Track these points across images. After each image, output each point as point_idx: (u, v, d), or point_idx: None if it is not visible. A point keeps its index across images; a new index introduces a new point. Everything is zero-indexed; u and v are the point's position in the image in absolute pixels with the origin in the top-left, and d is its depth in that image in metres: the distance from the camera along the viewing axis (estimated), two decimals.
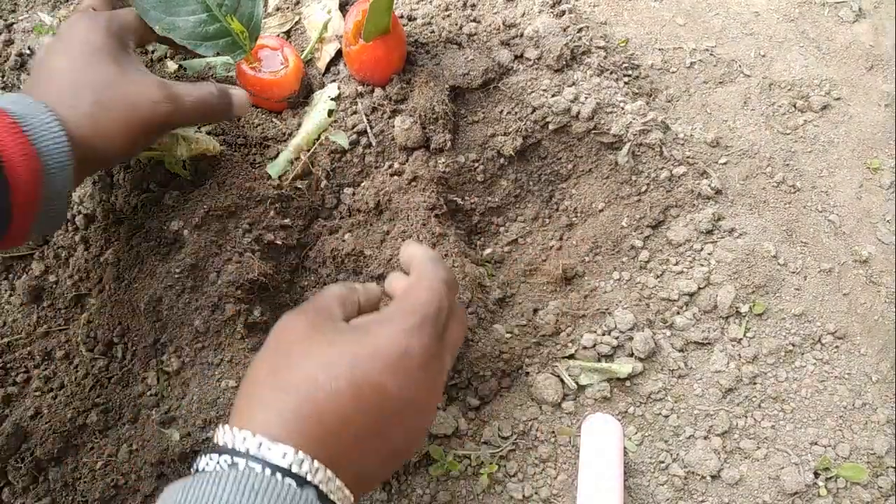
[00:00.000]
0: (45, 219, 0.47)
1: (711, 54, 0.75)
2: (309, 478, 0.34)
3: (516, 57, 0.67)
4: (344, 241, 0.60)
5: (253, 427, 0.35)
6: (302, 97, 0.65)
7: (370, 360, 0.37)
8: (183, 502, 0.32)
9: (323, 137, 0.61)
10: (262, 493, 0.32)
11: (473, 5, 0.71)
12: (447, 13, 0.70)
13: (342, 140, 0.61)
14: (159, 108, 0.49)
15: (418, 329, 0.38)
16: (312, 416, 0.35)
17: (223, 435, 0.35)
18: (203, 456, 0.35)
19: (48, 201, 0.46)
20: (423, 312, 0.39)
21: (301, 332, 0.39)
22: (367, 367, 0.37)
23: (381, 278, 0.58)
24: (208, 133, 0.62)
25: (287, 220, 0.60)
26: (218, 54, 0.60)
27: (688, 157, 0.67)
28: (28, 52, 0.72)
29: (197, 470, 0.35)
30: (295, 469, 0.34)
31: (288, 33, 0.72)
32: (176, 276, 0.55)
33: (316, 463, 0.35)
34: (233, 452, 0.34)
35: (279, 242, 0.59)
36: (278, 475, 0.33)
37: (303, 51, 0.69)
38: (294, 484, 0.33)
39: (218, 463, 0.34)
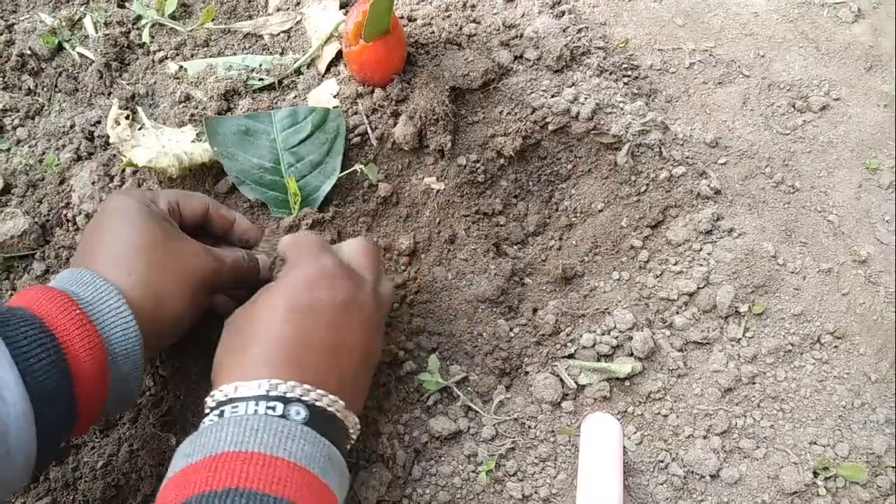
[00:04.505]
0: (114, 402, 0.45)
1: (711, 55, 0.75)
2: (288, 395, 0.39)
3: (516, 57, 0.67)
4: None
5: (230, 380, 0.40)
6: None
7: (299, 288, 0.44)
8: (191, 453, 0.37)
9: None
10: (260, 429, 0.37)
11: (473, 6, 0.71)
12: (447, 14, 0.70)
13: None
14: (209, 267, 0.49)
15: (319, 255, 0.47)
16: (273, 352, 0.41)
17: (206, 403, 0.41)
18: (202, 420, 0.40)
19: (116, 386, 0.44)
20: (317, 245, 0.48)
21: (238, 310, 0.46)
22: (299, 293, 0.44)
23: None
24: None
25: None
26: (258, 200, 0.60)
27: (687, 158, 0.67)
28: (28, 51, 0.72)
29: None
30: (273, 393, 0.39)
31: (288, 33, 0.72)
32: None
33: (290, 383, 0.40)
34: (218, 405, 0.40)
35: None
36: (261, 404, 0.39)
37: (305, 52, 0.69)
38: (281, 405, 0.39)
39: (209, 418, 0.40)
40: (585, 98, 0.65)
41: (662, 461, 0.55)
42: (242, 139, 0.61)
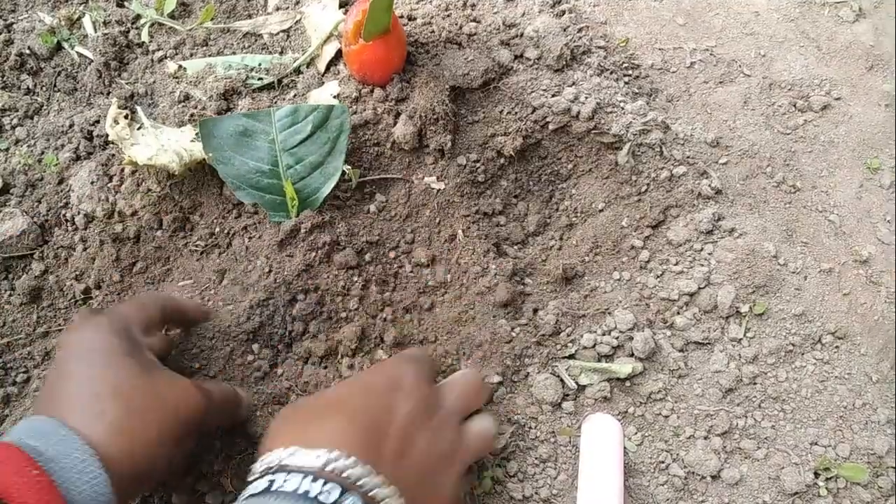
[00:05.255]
0: None
1: (711, 54, 0.75)
2: (347, 474, 0.35)
3: (516, 57, 0.67)
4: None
5: (286, 444, 0.36)
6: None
7: (378, 380, 0.43)
8: None
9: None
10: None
11: (473, 5, 0.71)
12: (447, 13, 0.70)
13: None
14: (198, 405, 0.44)
15: (410, 362, 0.45)
16: (343, 424, 0.38)
17: (259, 461, 0.37)
18: (248, 486, 0.36)
19: None
20: (412, 354, 0.48)
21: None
22: (375, 384, 0.42)
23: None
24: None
25: None
26: (255, 205, 0.60)
27: (688, 157, 0.67)
28: (28, 51, 0.72)
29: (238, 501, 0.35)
30: (330, 467, 0.35)
31: (287, 32, 0.72)
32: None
33: (353, 458, 0.35)
34: (267, 471, 0.35)
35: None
36: (316, 483, 0.33)
37: (304, 51, 0.69)
38: (337, 491, 0.33)
39: (254, 486, 0.35)
40: (586, 97, 0.64)
41: (663, 462, 0.55)
42: (239, 141, 0.60)
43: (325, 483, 0.33)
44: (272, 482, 0.34)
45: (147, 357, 0.45)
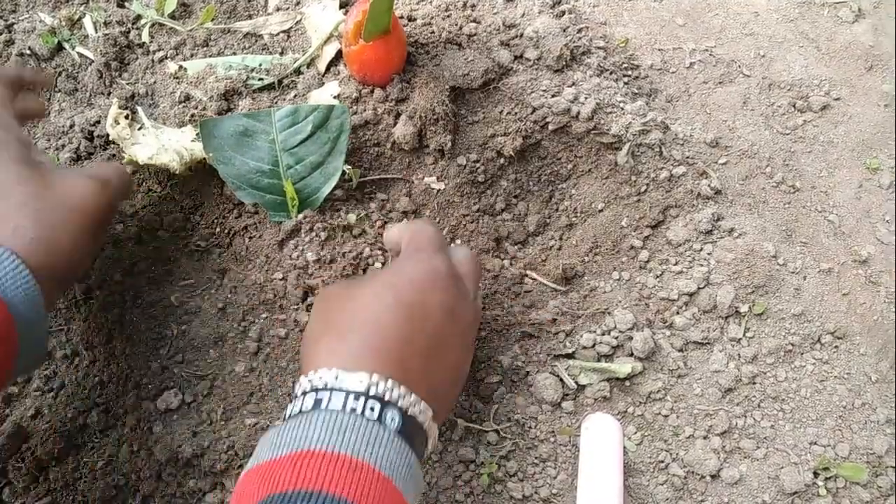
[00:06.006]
0: (24, 361, 0.44)
1: (711, 54, 0.75)
2: (387, 397, 0.38)
3: (516, 57, 0.67)
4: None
5: (330, 365, 0.39)
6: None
7: (409, 286, 0.43)
8: (278, 444, 0.36)
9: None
10: (351, 429, 0.36)
11: (473, 6, 0.71)
12: (447, 14, 0.70)
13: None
14: (99, 199, 0.47)
15: (435, 254, 0.46)
16: (377, 345, 0.40)
17: (300, 384, 0.39)
18: (288, 406, 0.39)
19: (25, 347, 0.43)
20: (433, 243, 0.47)
21: (339, 288, 0.45)
22: (408, 291, 0.43)
23: None
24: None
25: None
26: (255, 204, 0.60)
27: (687, 158, 0.67)
28: (28, 51, 0.72)
29: (286, 418, 0.38)
30: (373, 391, 0.38)
31: (288, 33, 0.72)
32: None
33: (390, 382, 0.38)
34: (314, 390, 0.38)
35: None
36: (360, 401, 0.37)
37: (304, 51, 0.69)
38: (378, 406, 0.37)
39: (303, 404, 0.38)
40: (586, 98, 0.64)
41: (663, 461, 0.55)
42: (240, 141, 0.60)
43: (367, 400, 0.37)
44: (319, 401, 0.37)
45: (37, 159, 0.47)
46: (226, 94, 0.66)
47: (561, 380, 0.58)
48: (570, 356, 0.59)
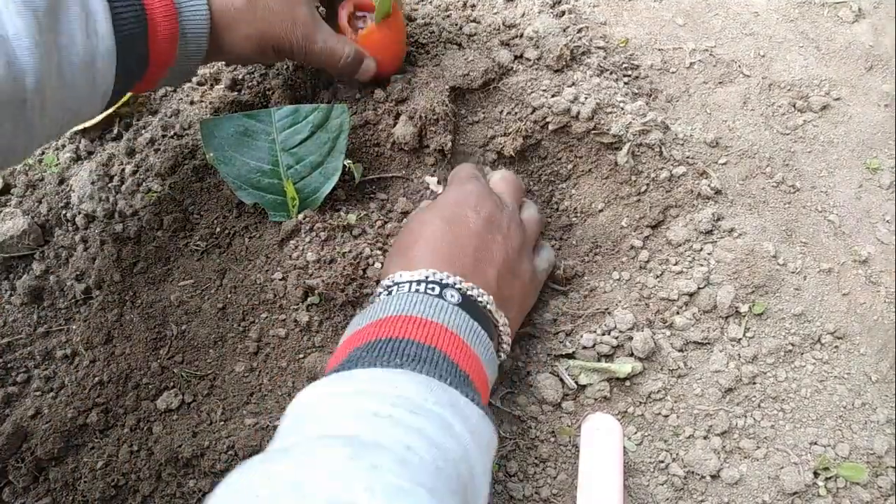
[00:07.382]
0: (175, 74, 0.55)
1: (711, 54, 0.75)
2: (444, 281, 0.47)
3: (516, 57, 0.67)
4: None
5: (396, 270, 0.49)
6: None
7: (449, 205, 0.53)
8: (359, 323, 0.45)
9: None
10: (418, 302, 0.45)
11: (473, 6, 0.71)
12: (447, 14, 0.70)
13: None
14: (291, 38, 0.55)
15: (469, 180, 0.56)
16: (431, 251, 0.49)
17: (375, 292, 0.50)
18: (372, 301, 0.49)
19: (180, 60, 0.53)
20: (469, 174, 0.57)
21: (403, 224, 0.58)
22: (448, 208, 0.53)
23: None
24: None
25: None
26: (255, 204, 0.60)
27: (687, 158, 0.67)
28: None
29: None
30: (432, 278, 0.47)
31: None
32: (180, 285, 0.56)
33: (446, 273, 0.47)
34: (386, 288, 0.48)
35: None
36: (422, 285, 0.46)
37: None
38: (437, 288, 0.46)
39: (378, 298, 0.48)
40: (586, 98, 0.64)
41: (663, 461, 0.55)
42: (240, 141, 0.60)
43: (427, 284, 0.46)
44: (391, 291, 0.47)
45: None
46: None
47: (561, 380, 0.58)
48: (570, 356, 0.59)
